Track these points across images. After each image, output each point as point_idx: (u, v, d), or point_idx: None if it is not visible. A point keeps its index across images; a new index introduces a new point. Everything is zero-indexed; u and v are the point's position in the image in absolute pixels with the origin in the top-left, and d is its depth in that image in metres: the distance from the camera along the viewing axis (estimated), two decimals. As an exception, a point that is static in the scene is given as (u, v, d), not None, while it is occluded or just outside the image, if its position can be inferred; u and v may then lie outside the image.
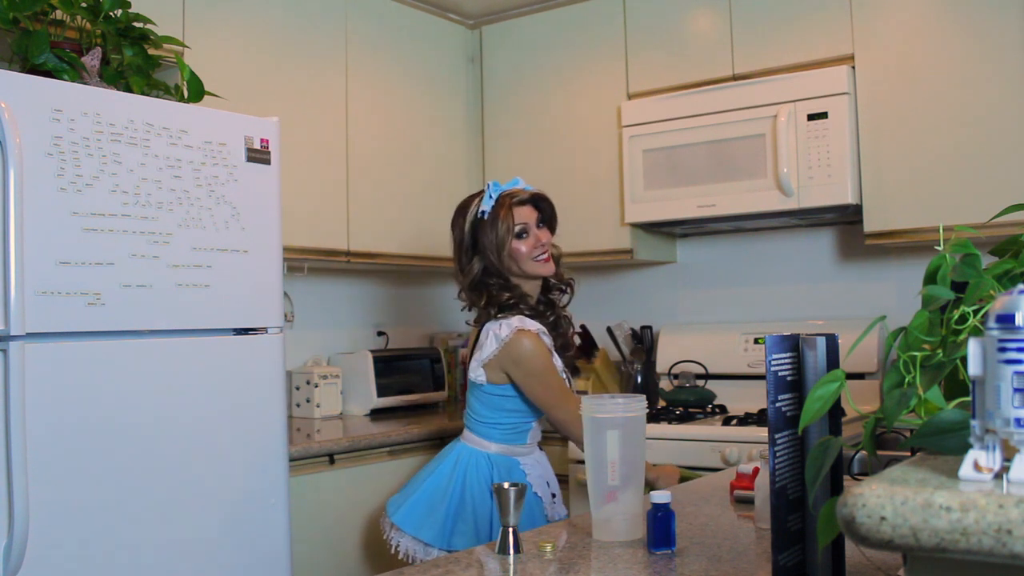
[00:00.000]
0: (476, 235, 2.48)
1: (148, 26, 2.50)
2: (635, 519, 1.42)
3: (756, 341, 3.43)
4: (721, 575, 1.21)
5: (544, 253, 2.49)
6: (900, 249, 3.26)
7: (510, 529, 1.39)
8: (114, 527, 2.07)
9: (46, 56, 2.24)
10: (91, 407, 2.05)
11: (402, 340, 3.95)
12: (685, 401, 3.27)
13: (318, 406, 3.38)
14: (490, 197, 2.47)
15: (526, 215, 2.48)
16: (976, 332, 0.83)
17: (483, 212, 2.46)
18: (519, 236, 2.46)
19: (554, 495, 2.48)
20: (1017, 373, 0.69)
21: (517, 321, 2.40)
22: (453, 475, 2.40)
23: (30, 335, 1.94)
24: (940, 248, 0.93)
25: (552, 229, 2.56)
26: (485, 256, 2.46)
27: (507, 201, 2.45)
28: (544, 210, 2.53)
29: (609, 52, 3.57)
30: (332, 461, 2.82)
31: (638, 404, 1.47)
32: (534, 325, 2.43)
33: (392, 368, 3.55)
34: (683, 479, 2.39)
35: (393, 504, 2.48)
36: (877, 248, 3.25)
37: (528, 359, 2.37)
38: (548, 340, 2.46)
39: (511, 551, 1.39)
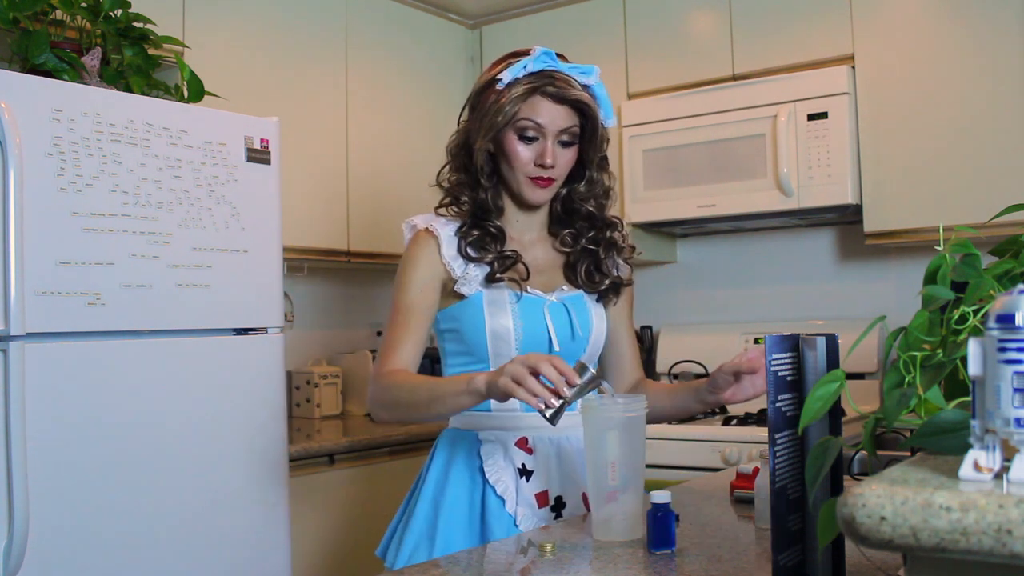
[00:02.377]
0: (477, 99, 1.77)
1: (148, 26, 2.50)
2: (635, 519, 1.42)
3: (756, 341, 3.43)
4: (721, 575, 1.21)
5: (546, 179, 1.73)
6: (900, 249, 3.27)
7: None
8: (114, 527, 2.07)
9: (46, 56, 2.24)
10: (91, 407, 2.05)
11: (402, 340, 3.95)
12: (685, 401, 3.27)
13: (318, 406, 3.38)
14: (523, 67, 1.69)
15: (553, 116, 1.70)
16: (976, 332, 0.83)
17: (500, 80, 1.70)
18: (523, 137, 1.71)
19: (529, 473, 1.70)
20: (1017, 373, 0.68)
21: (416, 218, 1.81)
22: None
23: (30, 335, 1.94)
24: (940, 248, 0.93)
25: (587, 156, 1.77)
26: (474, 127, 1.75)
27: (538, 84, 1.68)
28: (586, 127, 1.74)
29: (609, 52, 3.56)
30: (332, 461, 2.82)
31: (638, 404, 1.47)
32: (423, 219, 1.79)
33: (392, 368, 3.54)
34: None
35: None
36: (877, 248, 3.25)
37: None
38: (446, 246, 1.74)
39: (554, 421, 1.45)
